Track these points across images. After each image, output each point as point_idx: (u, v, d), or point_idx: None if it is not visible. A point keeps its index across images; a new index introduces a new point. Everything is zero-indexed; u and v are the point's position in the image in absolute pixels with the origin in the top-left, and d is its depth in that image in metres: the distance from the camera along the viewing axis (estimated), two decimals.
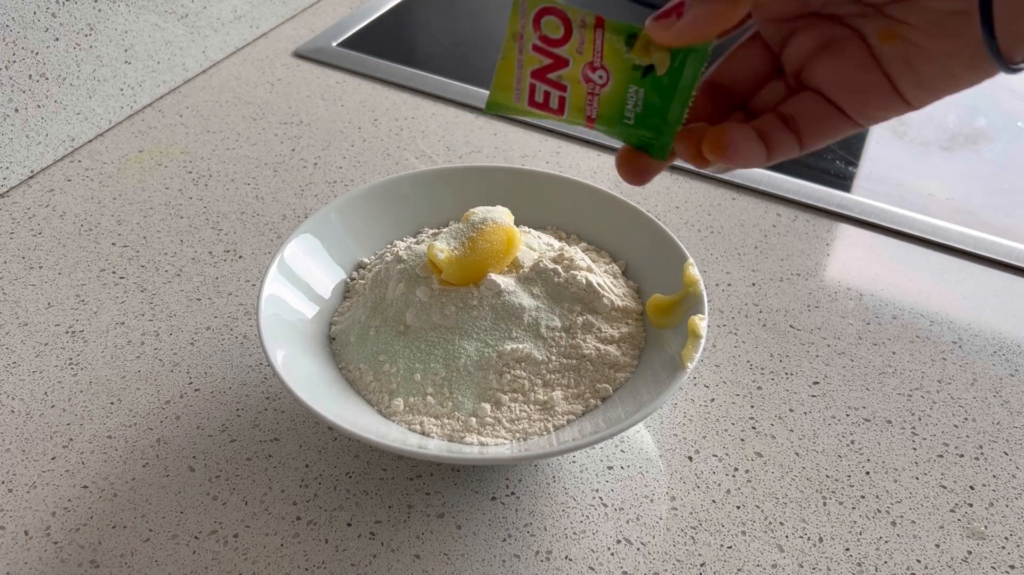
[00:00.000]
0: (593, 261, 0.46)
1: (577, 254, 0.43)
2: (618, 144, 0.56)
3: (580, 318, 0.42)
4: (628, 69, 0.28)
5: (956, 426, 0.44)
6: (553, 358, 0.40)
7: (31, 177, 0.60)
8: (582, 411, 0.40)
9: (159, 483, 0.41)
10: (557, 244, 0.45)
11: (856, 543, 0.39)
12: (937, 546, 0.39)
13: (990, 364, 0.48)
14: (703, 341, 0.39)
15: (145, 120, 0.66)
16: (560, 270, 0.42)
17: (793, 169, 0.62)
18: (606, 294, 0.43)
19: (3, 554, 0.38)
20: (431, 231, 0.49)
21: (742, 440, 0.43)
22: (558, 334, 0.41)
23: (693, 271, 0.42)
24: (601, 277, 0.43)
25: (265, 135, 0.65)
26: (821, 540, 0.39)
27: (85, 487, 0.41)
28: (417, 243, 0.46)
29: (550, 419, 0.39)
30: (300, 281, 0.44)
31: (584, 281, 0.42)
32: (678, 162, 0.31)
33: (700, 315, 0.40)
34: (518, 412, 0.39)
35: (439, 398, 0.39)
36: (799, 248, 0.55)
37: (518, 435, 0.39)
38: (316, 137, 0.64)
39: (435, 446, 0.38)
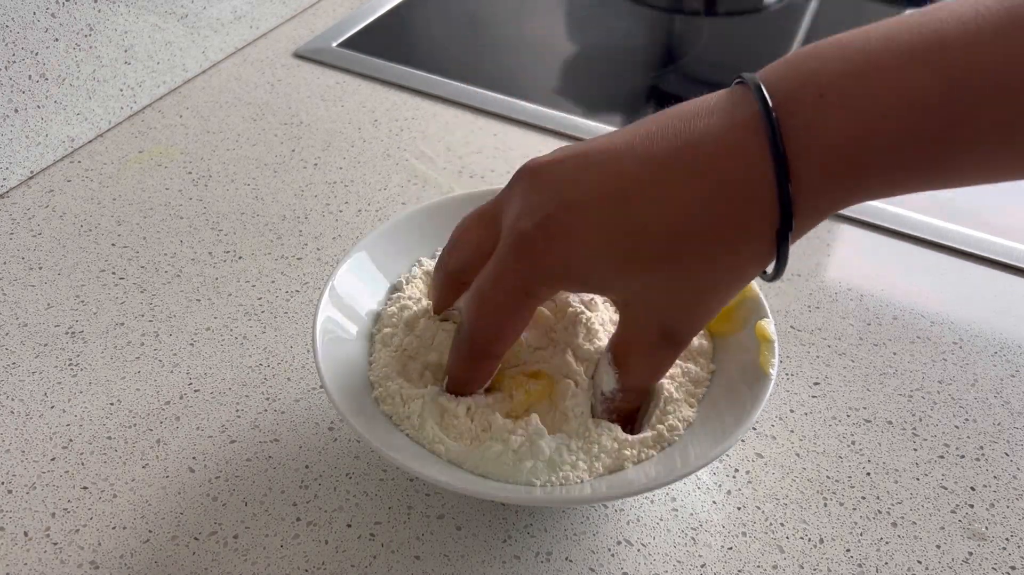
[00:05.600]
0: None
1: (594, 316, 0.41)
2: None
3: None
4: None
5: (957, 427, 0.44)
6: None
7: (31, 177, 0.60)
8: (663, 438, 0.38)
9: (159, 484, 0.41)
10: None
11: (857, 544, 0.39)
12: (938, 547, 0.39)
13: (991, 364, 0.48)
14: (776, 344, 0.38)
15: (145, 121, 0.66)
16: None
17: None
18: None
19: (3, 555, 0.38)
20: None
21: (742, 441, 0.43)
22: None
23: None
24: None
25: (265, 135, 0.65)
26: (822, 541, 0.39)
27: (85, 488, 0.41)
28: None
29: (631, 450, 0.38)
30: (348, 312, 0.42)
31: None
32: None
33: (766, 318, 0.39)
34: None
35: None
36: (799, 248, 0.55)
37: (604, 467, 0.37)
38: (316, 137, 0.64)
39: (540, 491, 0.36)
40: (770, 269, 0.32)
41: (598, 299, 0.41)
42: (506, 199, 0.35)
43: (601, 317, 0.41)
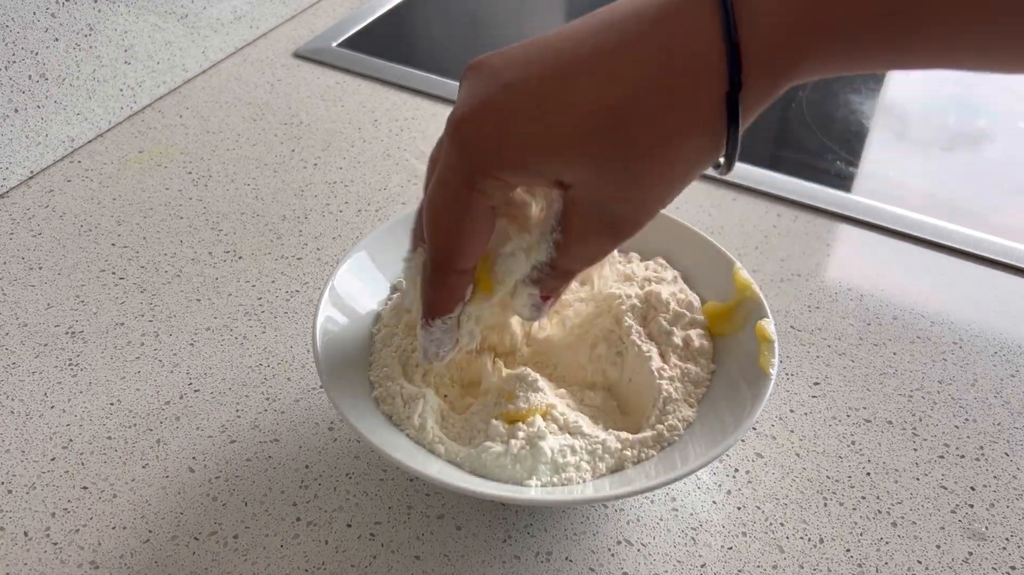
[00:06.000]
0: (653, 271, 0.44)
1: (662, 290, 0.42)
2: None
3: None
4: None
5: (957, 427, 0.44)
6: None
7: (31, 177, 0.60)
8: (663, 437, 0.38)
9: (159, 484, 0.41)
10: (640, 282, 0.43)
11: (857, 544, 0.39)
12: (938, 547, 0.39)
13: (991, 365, 0.48)
14: (776, 344, 0.38)
15: (145, 120, 0.66)
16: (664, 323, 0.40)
17: (793, 169, 0.62)
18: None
19: (3, 555, 0.38)
20: None
21: (742, 440, 0.43)
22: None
23: (744, 275, 0.41)
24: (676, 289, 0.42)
25: (265, 135, 0.65)
26: (822, 541, 0.39)
27: (85, 488, 0.41)
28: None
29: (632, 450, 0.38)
30: (347, 311, 0.42)
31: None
32: None
33: (766, 318, 0.39)
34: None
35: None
36: (799, 248, 0.55)
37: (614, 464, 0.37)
38: (316, 137, 0.64)
39: (535, 492, 0.36)
40: (721, 160, 0.30)
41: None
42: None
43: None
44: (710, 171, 0.31)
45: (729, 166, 0.30)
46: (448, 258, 0.33)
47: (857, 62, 0.28)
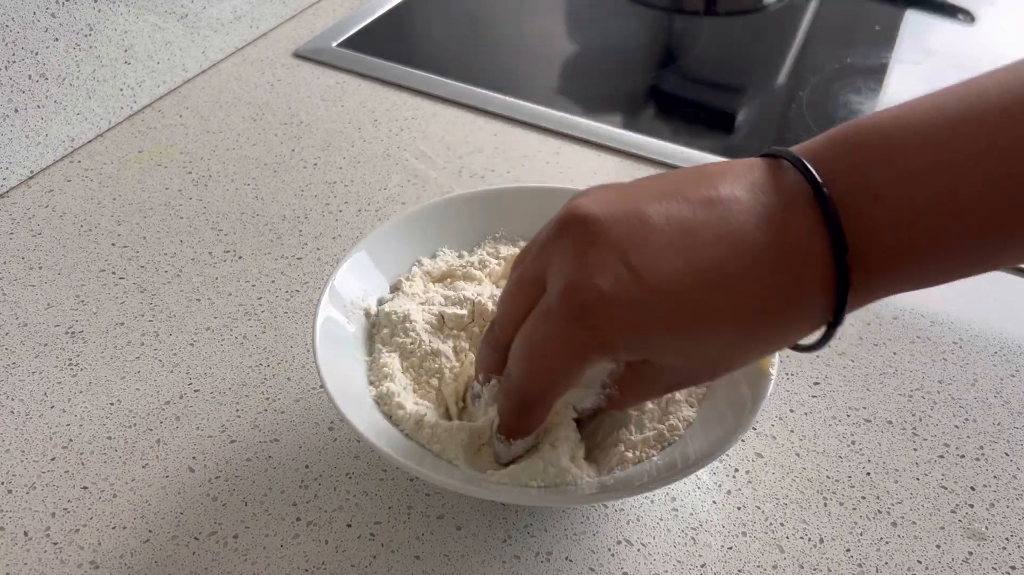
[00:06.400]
0: None
1: None
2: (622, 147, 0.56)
3: None
4: None
5: (957, 427, 0.44)
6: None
7: (31, 177, 0.60)
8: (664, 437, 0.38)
9: (159, 484, 0.41)
10: None
11: (857, 544, 0.39)
12: (938, 547, 0.39)
13: (991, 364, 0.48)
14: None
15: (145, 120, 0.66)
16: None
17: None
18: None
19: (2, 555, 0.38)
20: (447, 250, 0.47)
21: (742, 440, 0.43)
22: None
23: None
24: None
25: (265, 135, 0.65)
26: (822, 541, 0.39)
27: (84, 488, 0.41)
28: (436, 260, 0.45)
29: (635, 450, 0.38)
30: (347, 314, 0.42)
31: None
32: None
33: None
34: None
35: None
36: None
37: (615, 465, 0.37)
38: (316, 137, 0.64)
39: (538, 492, 0.36)
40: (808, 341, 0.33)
41: None
42: (553, 251, 0.32)
43: None
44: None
45: (812, 350, 0.33)
46: (540, 399, 0.34)
47: (942, 280, 0.31)
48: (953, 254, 0.29)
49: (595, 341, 0.31)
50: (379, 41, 0.76)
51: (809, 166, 0.30)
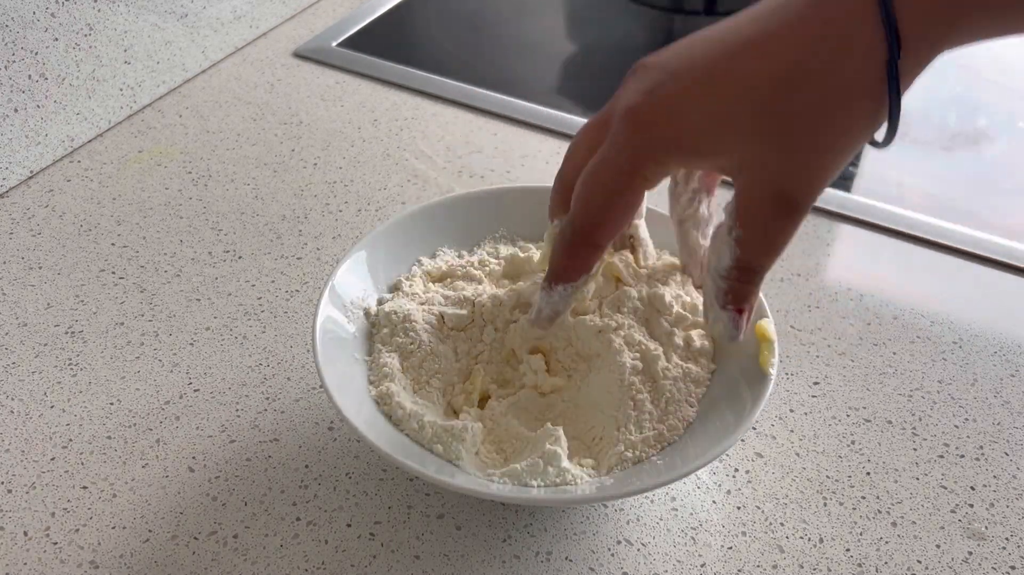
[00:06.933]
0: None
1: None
2: None
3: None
4: None
5: (957, 426, 0.44)
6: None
7: (31, 177, 0.60)
8: (666, 436, 0.38)
9: (158, 483, 0.41)
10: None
11: (856, 544, 0.39)
12: (938, 547, 0.39)
13: (991, 364, 0.48)
14: (776, 344, 0.38)
15: (145, 120, 0.66)
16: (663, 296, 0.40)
17: None
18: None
19: (2, 555, 0.38)
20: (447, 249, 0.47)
21: (742, 440, 0.43)
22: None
23: None
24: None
25: (265, 135, 0.65)
26: (822, 541, 0.39)
27: (84, 488, 0.41)
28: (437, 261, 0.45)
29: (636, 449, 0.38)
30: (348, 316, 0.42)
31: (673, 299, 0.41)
32: None
33: (766, 318, 0.39)
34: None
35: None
36: (799, 248, 0.55)
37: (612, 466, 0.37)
38: (316, 137, 0.64)
39: (538, 491, 0.36)
40: (881, 134, 0.31)
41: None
42: (616, 97, 0.34)
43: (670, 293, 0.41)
44: (870, 146, 0.32)
45: (891, 136, 0.31)
46: (591, 232, 0.35)
47: (1006, 27, 0.29)
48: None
49: (644, 144, 0.32)
50: (379, 41, 0.76)
51: None
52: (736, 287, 0.35)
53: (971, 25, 0.29)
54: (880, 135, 0.32)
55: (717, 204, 0.39)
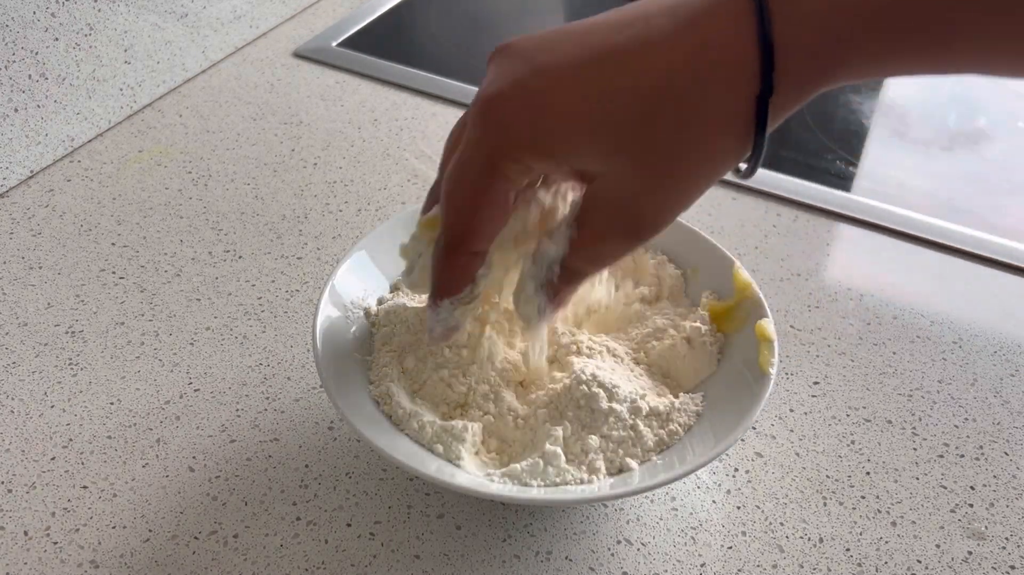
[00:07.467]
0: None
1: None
2: None
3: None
4: None
5: (957, 426, 0.44)
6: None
7: (31, 177, 0.60)
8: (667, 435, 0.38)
9: (159, 483, 0.41)
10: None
11: (856, 543, 0.39)
12: (937, 546, 0.39)
13: (990, 364, 0.48)
14: (776, 344, 0.38)
15: (145, 120, 0.66)
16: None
17: (793, 169, 0.62)
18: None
19: (3, 554, 0.38)
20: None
21: (742, 440, 0.43)
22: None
23: (744, 274, 0.41)
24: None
25: (265, 135, 0.65)
26: (821, 540, 0.39)
27: (85, 487, 0.41)
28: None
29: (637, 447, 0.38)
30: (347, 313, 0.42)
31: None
32: None
33: (766, 318, 0.39)
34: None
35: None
36: (799, 248, 0.55)
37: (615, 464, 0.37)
38: (316, 137, 0.64)
39: (537, 491, 0.36)
40: (743, 165, 0.30)
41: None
42: (481, 84, 0.32)
43: None
44: (731, 176, 0.31)
45: (752, 170, 0.30)
46: (462, 238, 0.33)
47: (889, 70, 0.28)
48: (893, 29, 0.26)
49: (500, 140, 0.30)
50: (379, 41, 0.76)
51: None
52: (556, 282, 0.34)
53: (855, 65, 0.27)
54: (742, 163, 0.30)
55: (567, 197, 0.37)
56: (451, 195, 0.32)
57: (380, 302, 0.43)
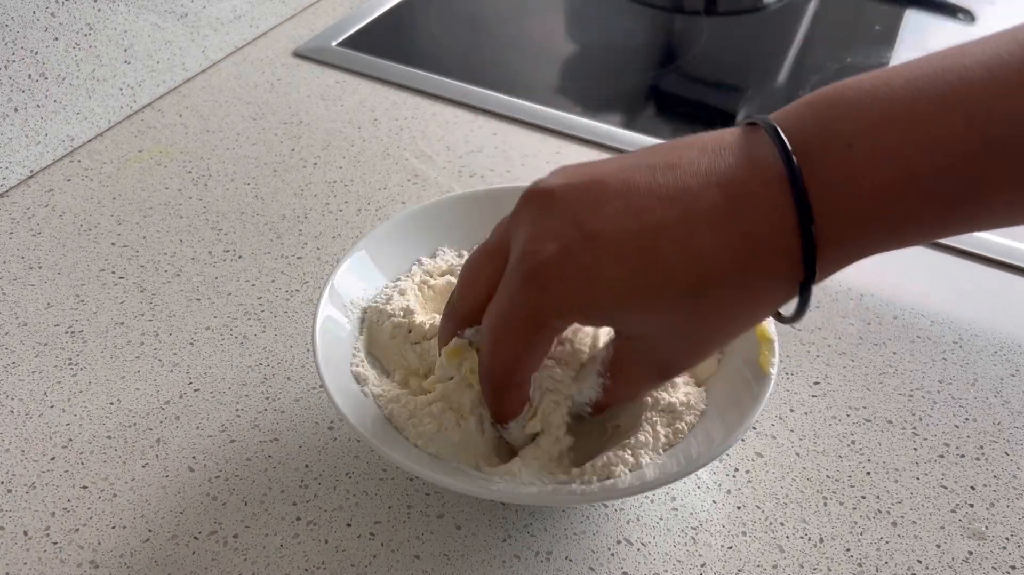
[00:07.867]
0: None
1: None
2: (622, 146, 0.56)
3: None
4: None
5: (957, 426, 0.44)
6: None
7: (30, 177, 0.60)
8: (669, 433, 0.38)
9: (158, 483, 0.41)
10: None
11: (857, 543, 0.39)
12: (938, 546, 0.39)
13: (991, 364, 0.48)
14: (776, 344, 0.38)
15: (145, 120, 0.66)
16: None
17: None
18: None
19: (2, 554, 0.38)
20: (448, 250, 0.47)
21: (742, 440, 0.43)
22: None
23: None
24: None
25: (265, 135, 0.65)
26: (822, 540, 0.39)
27: (84, 487, 0.41)
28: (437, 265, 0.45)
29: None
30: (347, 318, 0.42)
31: None
32: None
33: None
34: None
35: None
36: None
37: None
38: (316, 137, 0.64)
39: (539, 489, 0.35)
40: (788, 312, 0.32)
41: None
42: (514, 226, 0.33)
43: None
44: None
45: (795, 320, 0.32)
46: (508, 378, 0.34)
47: (924, 240, 0.30)
48: (934, 207, 0.28)
49: (549, 303, 0.31)
50: (379, 41, 0.76)
51: (775, 123, 0.29)
52: (591, 413, 0.37)
53: (887, 245, 0.30)
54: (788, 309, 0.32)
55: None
56: (496, 344, 0.33)
57: (380, 302, 0.43)
